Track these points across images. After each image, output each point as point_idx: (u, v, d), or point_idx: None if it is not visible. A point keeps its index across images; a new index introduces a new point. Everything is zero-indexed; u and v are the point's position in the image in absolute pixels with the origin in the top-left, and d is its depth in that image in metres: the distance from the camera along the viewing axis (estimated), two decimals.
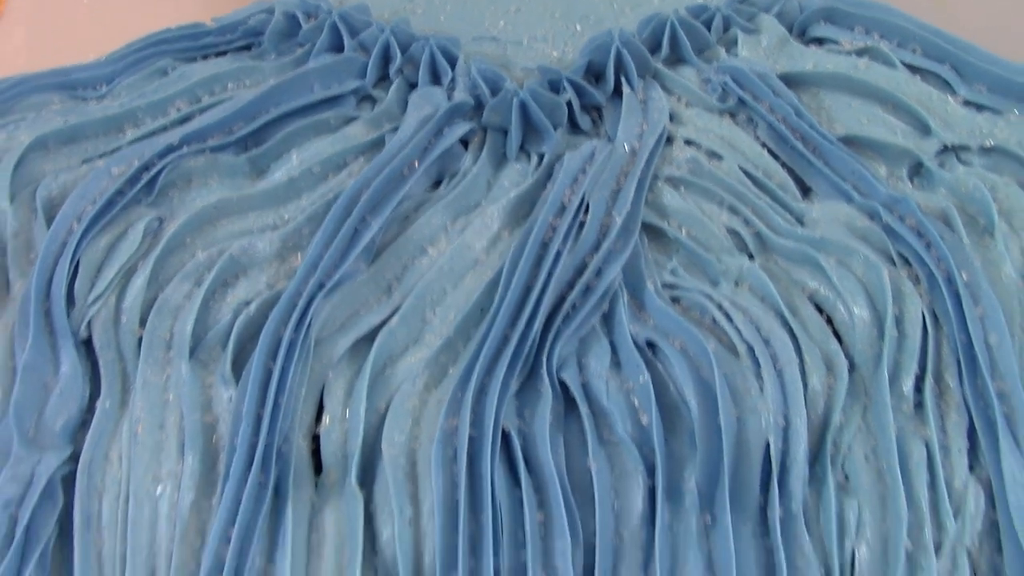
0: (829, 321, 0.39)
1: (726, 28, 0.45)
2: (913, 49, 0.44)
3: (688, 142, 0.43)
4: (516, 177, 0.42)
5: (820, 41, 0.45)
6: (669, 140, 0.43)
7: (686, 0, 0.47)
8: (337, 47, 0.45)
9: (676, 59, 0.45)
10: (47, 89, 0.45)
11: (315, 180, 0.42)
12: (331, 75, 0.44)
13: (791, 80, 0.44)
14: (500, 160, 0.43)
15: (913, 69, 0.44)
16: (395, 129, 0.43)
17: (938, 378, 0.38)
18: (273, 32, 0.46)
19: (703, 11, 0.45)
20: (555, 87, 0.43)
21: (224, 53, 0.47)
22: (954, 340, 0.37)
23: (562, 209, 0.40)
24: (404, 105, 0.44)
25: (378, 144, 0.43)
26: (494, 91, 0.43)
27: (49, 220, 0.41)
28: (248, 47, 0.47)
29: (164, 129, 0.44)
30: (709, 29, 0.45)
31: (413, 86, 0.45)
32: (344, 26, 0.45)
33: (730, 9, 0.45)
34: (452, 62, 0.44)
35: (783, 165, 0.42)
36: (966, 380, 0.37)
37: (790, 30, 0.46)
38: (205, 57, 0.47)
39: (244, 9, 0.48)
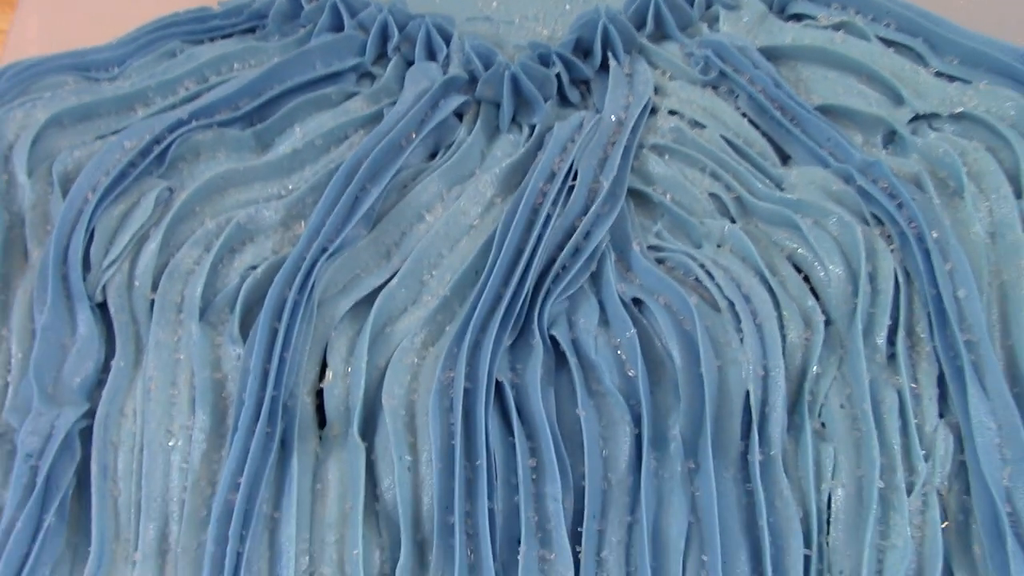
0: (807, 279, 0.41)
1: (708, 5, 0.47)
2: (887, 23, 0.46)
3: (672, 112, 0.45)
4: (508, 147, 0.44)
5: (799, 17, 0.47)
6: (654, 111, 0.45)
7: None
8: (337, 27, 0.47)
9: (661, 35, 0.47)
10: (62, 70, 0.47)
11: (317, 152, 0.44)
12: (332, 53, 0.46)
13: (770, 54, 0.46)
14: (493, 131, 0.45)
15: (887, 42, 0.46)
16: (393, 103, 0.45)
17: (910, 330, 0.40)
18: (276, 14, 0.48)
19: None
20: (545, 61, 0.45)
21: (230, 35, 0.49)
22: (924, 294, 0.39)
23: (552, 176, 0.42)
24: (402, 81, 0.46)
25: (377, 117, 0.45)
26: (487, 66, 0.45)
27: (65, 192, 0.43)
28: (253, 29, 0.49)
29: (173, 107, 0.46)
30: (692, 6, 0.47)
31: (410, 63, 0.47)
32: (344, 6, 0.47)
33: None
34: (447, 39, 0.46)
35: (763, 134, 0.44)
36: (936, 331, 0.39)
37: (770, 6, 0.48)
38: (212, 39, 0.49)
39: None
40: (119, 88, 0.47)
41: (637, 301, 0.41)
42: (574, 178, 0.42)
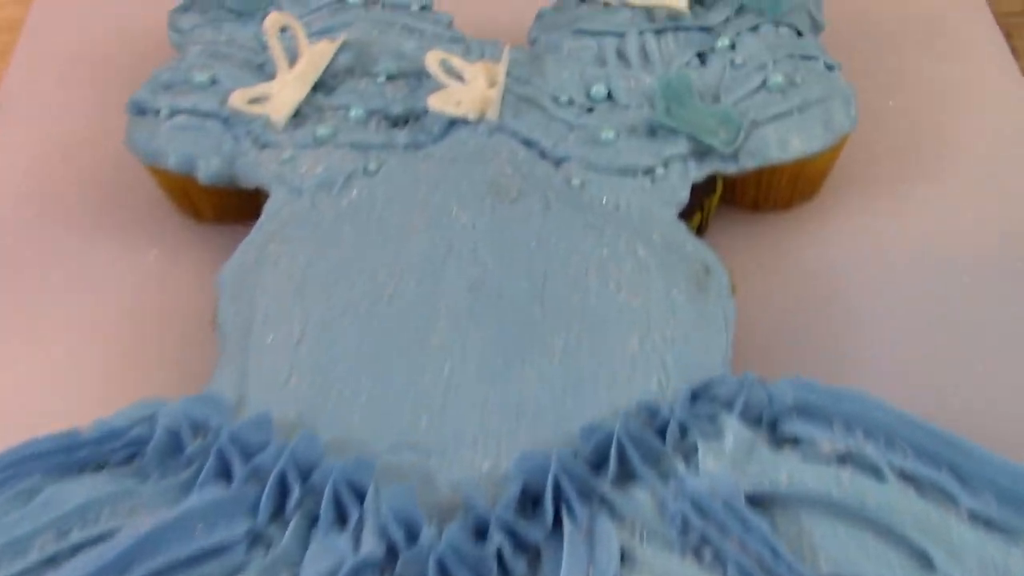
0: None
1: (683, 433, 0.39)
2: (903, 450, 0.38)
3: None
4: None
5: (795, 440, 0.39)
6: None
7: (636, 390, 0.41)
8: (227, 472, 0.39)
9: (627, 473, 0.38)
10: None
11: None
12: (217, 514, 0.37)
13: (764, 499, 0.37)
14: None
15: (906, 476, 0.37)
16: None
17: None
18: (155, 450, 0.39)
19: (655, 415, 0.39)
20: (482, 528, 0.36)
21: (103, 465, 0.40)
22: None
23: None
24: (304, 546, 0.37)
25: None
26: (410, 536, 0.36)
27: None
28: (131, 457, 0.41)
29: (25, 573, 0.37)
30: (663, 438, 0.38)
31: (316, 519, 0.38)
32: (235, 450, 0.38)
33: (686, 411, 0.39)
34: (361, 494, 0.37)
35: None
36: None
37: (758, 422, 0.40)
38: (82, 470, 0.40)
39: (128, 411, 0.41)
40: None
41: None
42: None
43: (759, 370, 0.45)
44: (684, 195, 0.48)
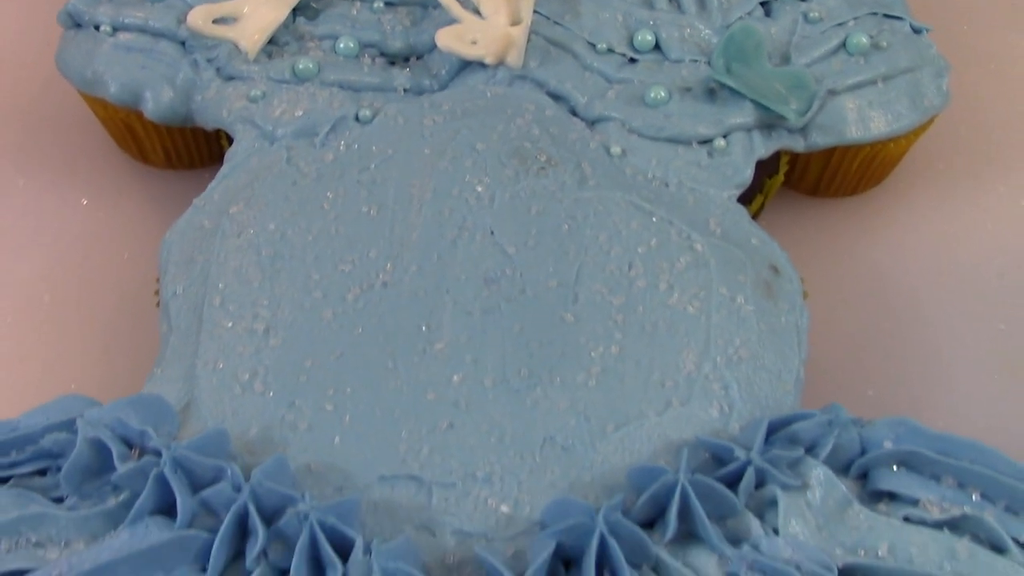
0: None
1: (759, 483, 0.31)
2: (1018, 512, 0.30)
3: None
4: None
5: (891, 496, 0.31)
6: None
7: (693, 421, 0.32)
8: (168, 504, 0.30)
9: (687, 533, 0.30)
10: None
11: None
12: (153, 561, 0.28)
13: (859, 574, 0.29)
14: None
15: None
16: None
17: None
18: (75, 468, 0.30)
19: (728, 456, 0.31)
20: None
21: (7, 479, 0.31)
22: None
23: None
24: None
25: None
26: None
27: None
28: (44, 471, 0.32)
29: None
30: (736, 488, 0.30)
31: (284, 573, 0.29)
32: (180, 477, 0.29)
33: (765, 459, 0.30)
34: (345, 547, 0.29)
35: None
36: None
37: (845, 470, 0.32)
38: None
39: (44, 411, 0.32)
40: None
41: None
42: None
43: (819, 388, 0.38)
44: (747, 175, 0.40)
